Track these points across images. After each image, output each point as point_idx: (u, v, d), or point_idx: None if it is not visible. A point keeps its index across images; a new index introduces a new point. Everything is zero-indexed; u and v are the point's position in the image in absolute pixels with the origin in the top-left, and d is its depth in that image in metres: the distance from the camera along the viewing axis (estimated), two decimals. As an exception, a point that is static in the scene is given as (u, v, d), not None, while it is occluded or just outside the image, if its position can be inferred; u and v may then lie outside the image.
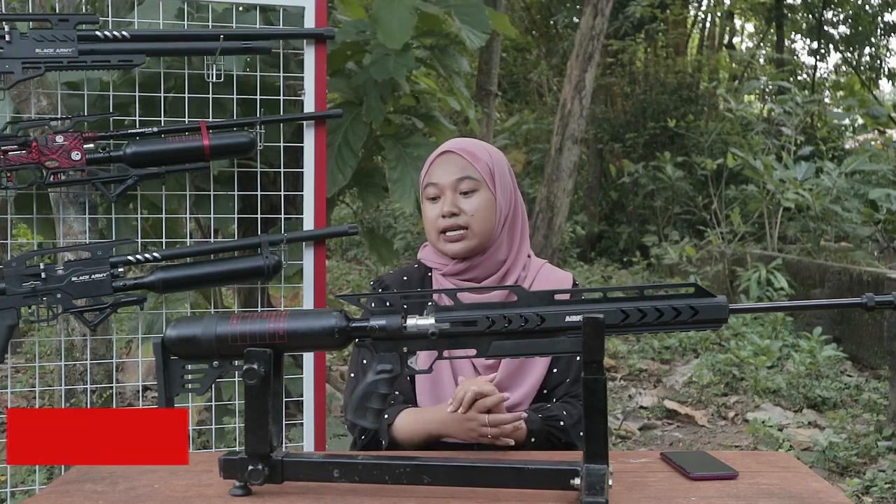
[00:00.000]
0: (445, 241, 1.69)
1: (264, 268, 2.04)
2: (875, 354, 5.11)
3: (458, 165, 1.69)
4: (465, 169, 1.68)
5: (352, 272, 10.18)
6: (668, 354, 5.67)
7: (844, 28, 13.92)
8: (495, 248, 1.71)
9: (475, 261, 1.70)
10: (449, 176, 1.68)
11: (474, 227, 1.67)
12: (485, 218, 1.68)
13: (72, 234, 2.13)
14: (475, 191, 1.68)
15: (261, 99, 2.19)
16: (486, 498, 1.24)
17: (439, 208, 1.69)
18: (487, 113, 8.04)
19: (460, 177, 1.68)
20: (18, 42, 1.95)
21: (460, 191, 1.68)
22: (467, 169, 1.68)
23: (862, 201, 7.24)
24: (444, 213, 1.67)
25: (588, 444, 1.20)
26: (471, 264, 1.70)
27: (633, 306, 1.24)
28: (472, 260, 1.70)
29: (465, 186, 1.68)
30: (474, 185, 1.68)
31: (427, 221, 1.72)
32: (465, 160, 1.69)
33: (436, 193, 1.70)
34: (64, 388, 2.20)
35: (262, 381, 1.25)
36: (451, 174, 1.68)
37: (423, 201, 1.74)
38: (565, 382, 1.69)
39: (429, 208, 1.71)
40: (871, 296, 1.23)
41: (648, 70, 11.71)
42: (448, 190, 1.68)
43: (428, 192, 1.71)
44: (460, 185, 1.68)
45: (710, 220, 8.17)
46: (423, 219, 1.74)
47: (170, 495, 1.27)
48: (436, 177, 1.70)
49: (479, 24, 2.78)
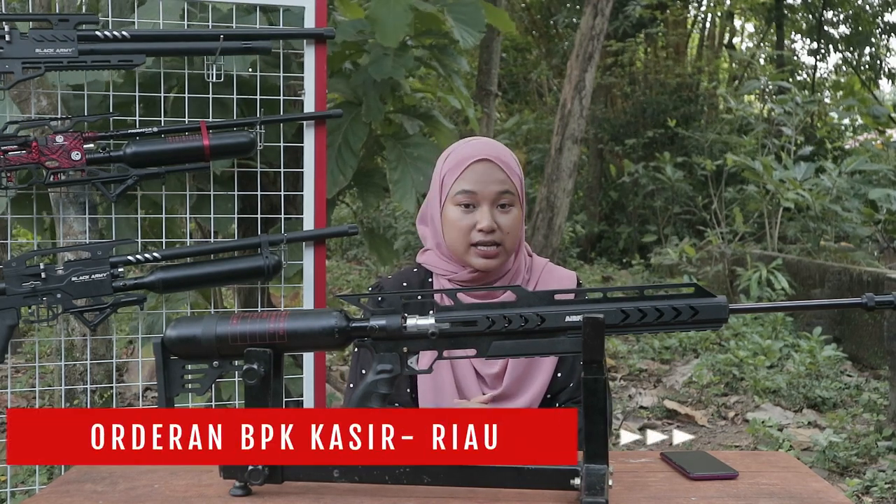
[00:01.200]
0: (476, 255, 1.62)
1: (264, 268, 2.04)
2: (875, 354, 5.11)
3: (497, 178, 1.61)
4: (504, 183, 1.61)
5: (352, 272, 10.18)
6: (668, 354, 5.67)
7: (844, 28, 13.92)
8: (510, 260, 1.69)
9: (491, 275, 1.67)
10: (489, 187, 1.60)
11: (507, 244, 1.62)
12: (517, 235, 1.64)
13: (72, 234, 2.13)
14: (512, 206, 1.62)
15: (261, 99, 2.19)
16: (486, 498, 1.24)
17: (473, 219, 1.61)
18: (487, 113, 8.05)
19: (501, 190, 1.61)
20: (18, 42, 1.95)
21: (499, 205, 1.62)
22: (506, 183, 1.61)
23: (862, 201, 7.23)
24: (483, 227, 1.59)
25: (588, 444, 1.20)
26: (486, 277, 1.67)
27: (633, 306, 1.24)
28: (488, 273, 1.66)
29: (504, 201, 1.61)
30: (511, 199, 1.62)
31: (456, 229, 1.62)
32: (504, 173, 1.62)
33: (470, 202, 1.61)
34: (64, 388, 2.20)
35: (262, 381, 1.25)
36: (492, 186, 1.60)
37: (446, 204, 1.64)
38: (569, 387, 1.68)
39: (460, 215, 1.62)
40: (871, 296, 1.23)
41: (648, 70, 11.72)
42: (486, 202, 1.60)
43: (460, 199, 1.61)
44: (500, 200, 1.61)
45: (710, 220, 8.17)
46: (447, 223, 1.64)
47: (170, 495, 1.27)
48: (473, 184, 1.61)
49: (474, 22, 2.78)
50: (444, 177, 1.65)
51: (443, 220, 1.65)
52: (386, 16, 2.54)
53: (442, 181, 1.65)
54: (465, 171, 1.61)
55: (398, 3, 2.54)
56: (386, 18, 2.54)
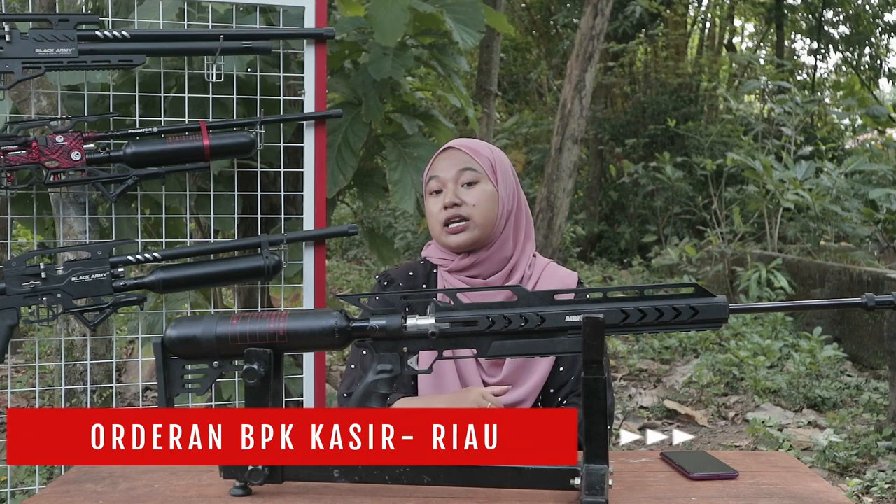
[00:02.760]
0: (448, 234, 1.69)
1: (264, 268, 2.04)
2: (875, 354, 5.11)
3: (459, 159, 1.71)
4: (467, 162, 1.71)
5: (352, 272, 10.18)
6: (668, 354, 5.67)
7: (844, 28, 13.92)
8: (500, 244, 1.71)
9: (480, 255, 1.70)
10: (451, 169, 1.70)
11: (476, 217, 1.68)
12: (487, 209, 1.69)
13: (72, 234, 2.13)
14: (476, 182, 1.70)
15: (261, 99, 2.19)
16: (486, 498, 1.24)
17: (441, 201, 1.70)
18: (487, 113, 8.04)
19: (461, 168, 1.70)
20: (18, 42, 1.95)
21: (462, 182, 1.70)
22: (468, 162, 1.71)
23: (862, 201, 7.23)
24: (445, 203, 1.69)
25: (588, 444, 1.20)
26: (476, 259, 1.70)
27: (633, 306, 1.24)
28: (477, 255, 1.70)
29: (466, 178, 1.70)
30: (475, 176, 1.70)
31: (430, 216, 1.73)
32: (467, 154, 1.71)
33: (438, 187, 1.71)
34: (64, 388, 2.20)
35: (262, 381, 1.25)
36: (453, 167, 1.71)
37: (426, 198, 1.76)
38: (570, 381, 1.69)
39: (431, 203, 1.73)
40: (871, 296, 1.23)
41: (649, 70, 11.72)
42: (450, 182, 1.70)
43: (430, 186, 1.73)
44: (462, 177, 1.70)
45: (710, 220, 8.17)
46: (427, 215, 1.75)
47: (170, 495, 1.27)
48: (438, 170, 1.72)
49: (474, 22, 2.78)
50: (425, 175, 1.77)
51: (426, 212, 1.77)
52: (384, 15, 2.55)
53: (424, 179, 1.77)
54: (434, 161, 1.75)
55: (396, 3, 2.55)
56: (384, 18, 2.55)
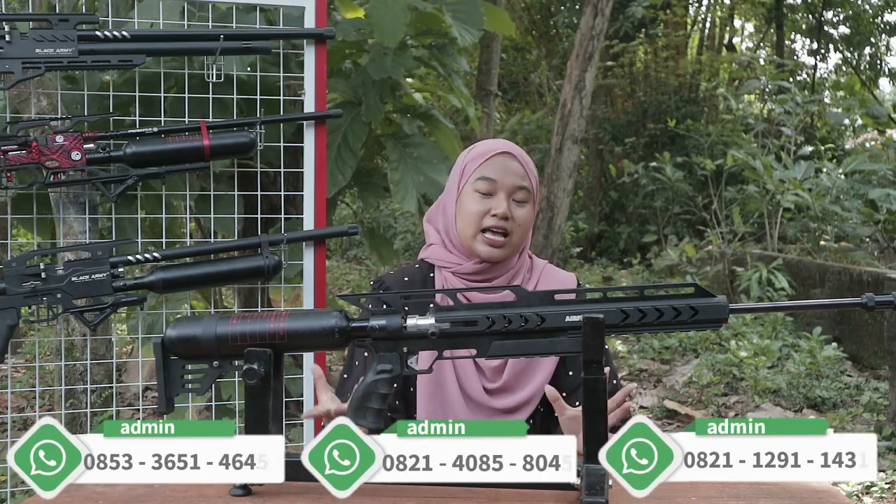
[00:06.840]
0: (484, 242, 1.63)
1: (264, 268, 2.04)
2: (875, 354, 5.11)
3: (518, 172, 1.65)
4: (524, 178, 1.65)
5: (352, 272, 10.18)
6: (668, 354, 5.67)
7: (844, 28, 13.93)
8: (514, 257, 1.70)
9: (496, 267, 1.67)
10: (510, 178, 1.64)
11: (515, 237, 1.64)
12: (525, 231, 1.67)
13: (72, 234, 2.13)
14: (526, 202, 1.66)
15: (261, 99, 2.19)
16: (486, 498, 1.24)
17: (489, 205, 1.62)
18: (487, 113, 8.05)
19: (519, 185, 1.64)
20: (18, 42, 1.95)
21: (515, 198, 1.64)
22: (524, 179, 1.65)
23: (862, 201, 7.23)
24: (497, 212, 1.61)
25: (588, 444, 1.20)
26: (490, 267, 1.67)
27: (633, 306, 1.24)
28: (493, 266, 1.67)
29: (520, 196, 1.65)
30: (527, 196, 1.66)
31: (469, 214, 1.63)
32: (524, 169, 1.66)
33: (489, 189, 1.63)
34: (64, 388, 2.20)
35: (262, 381, 1.25)
36: (513, 178, 1.64)
37: (464, 190, 1.66)
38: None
39: (476, 200, 1.63)
40: (871, 296, 1.23)
41: (649, 71, 11.72)
42: (503, 192, 1.63)
43: (479, 186, 1.63)
44: (517, 194, 1.65)
45: (710, 220, 8.17)
46: (461, 209, 1.65)
47: (170, 495, 1.27)
48: (495, 174, 1.63)
49: (474, 20, 2.77)
50: (465, 165, 1.67)
51: (458, 206, 1.67)
52: (384, 15, 2.54)
53: (463, 170, 1.67)
54: (488, 160, 1.65)
55: (396, 3, 2.54)
56: (384, 18, 2.54)
